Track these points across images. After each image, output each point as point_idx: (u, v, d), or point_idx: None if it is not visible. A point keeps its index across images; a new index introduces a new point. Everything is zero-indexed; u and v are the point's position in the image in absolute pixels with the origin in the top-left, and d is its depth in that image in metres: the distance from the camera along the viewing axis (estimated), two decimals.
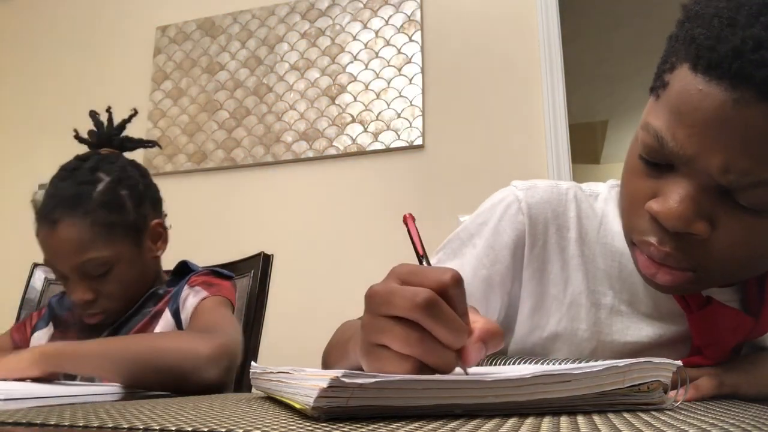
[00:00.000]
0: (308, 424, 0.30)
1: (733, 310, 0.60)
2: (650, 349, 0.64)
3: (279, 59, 2.35)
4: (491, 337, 0.37)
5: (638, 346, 0.64)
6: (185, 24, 2.53)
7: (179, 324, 0.96)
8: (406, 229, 0.46)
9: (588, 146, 4.93)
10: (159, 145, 1.12)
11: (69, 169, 0.96)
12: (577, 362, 0.60)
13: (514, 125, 2.03)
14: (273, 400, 0.49)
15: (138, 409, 0.40)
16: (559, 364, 0.59)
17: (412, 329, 0.35)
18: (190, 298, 0.96)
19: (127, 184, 0.98)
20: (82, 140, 1.05)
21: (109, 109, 1.06)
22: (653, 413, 0.35)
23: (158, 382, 0.78)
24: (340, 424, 0.30)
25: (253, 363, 0.53)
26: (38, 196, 0.96)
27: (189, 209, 2.26)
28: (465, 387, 0.33)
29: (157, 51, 2.54)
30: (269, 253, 1.19)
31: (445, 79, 2.14)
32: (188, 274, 1.03)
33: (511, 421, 0.31)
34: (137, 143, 1.08)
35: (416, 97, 2.13)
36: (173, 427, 0.30)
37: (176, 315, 0.96)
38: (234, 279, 1.07)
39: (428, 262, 0.45)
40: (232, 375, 0.87)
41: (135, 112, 1.05)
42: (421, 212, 2.04)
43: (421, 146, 2.10)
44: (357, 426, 0.29)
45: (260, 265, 1.17)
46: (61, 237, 0.90)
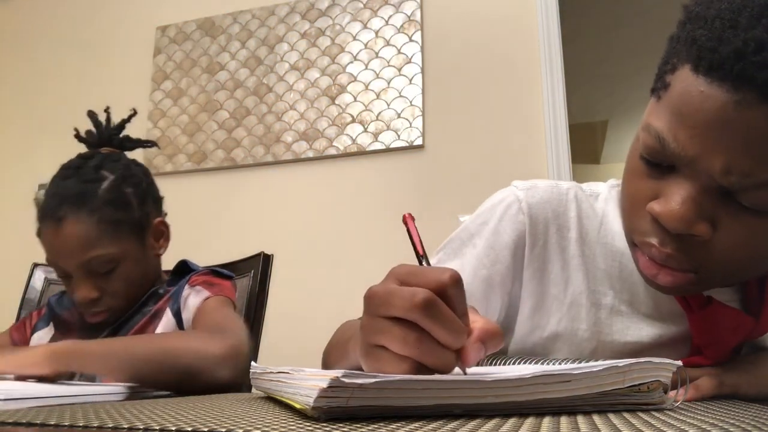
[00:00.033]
0: (308, 424, 0.30)
1: (733, 310, 0.60)
2: (650, 349, 0.64)
3: (279, 59, 2.35)
4: (490, 337, 0.37)
5: (638, 346, 0.64)
6: (185, 24, 2.53)
7: (180, 323, 0.95)
8: (406, 229, 0.46)
9: (588, 146, 4.93)
10: (157, 145, 1.13)
11: (73, 167, 0.96)
12: (577, 362, 0.60)
13: (514, 125, 2.03)
14: (273, 400, 0.49)
15: (138, 409, 0.40)
16: (559, 364, 0.59)
17: (411, 330, 0.35)
18: (192, 297, 0.96)
19: (131, 182, 0.98)
20: (82, 139, 1.05)
21: (107, 109, 1.06)
22: (653, 413, 0.35)
23: (170, 381, 0.78)
24: (340, 424, 0.30)
25: (253, 363, 0.53)
26: (40, 195, 0.96)
27: (189, 209, 2.26)
28: (465, 387, 0.33)
29: (157, 51, 2.54)
30: (269, 253, 1.19)
31: (445, 79, 2.14)
32: (188, 273, 1.03)
33: (511, 421, 0.31)
34: (136, 143, 1.08)
35: (416, 97, 2.13)
36: (173, 427, 0.30)
37: (177, 314, 0.96)
38: (234, 279, 1.07)
39: (428, 262, 0.45)
40: (246, 375, 0.87)
41: (134, 112, 1.05)
42: (421, 212, 2.04)
43: (421, 146, 2.10)
44: (357, 426, 0.29)
45: (260, 265, 1.17)
46: (67, 234, 0.89)
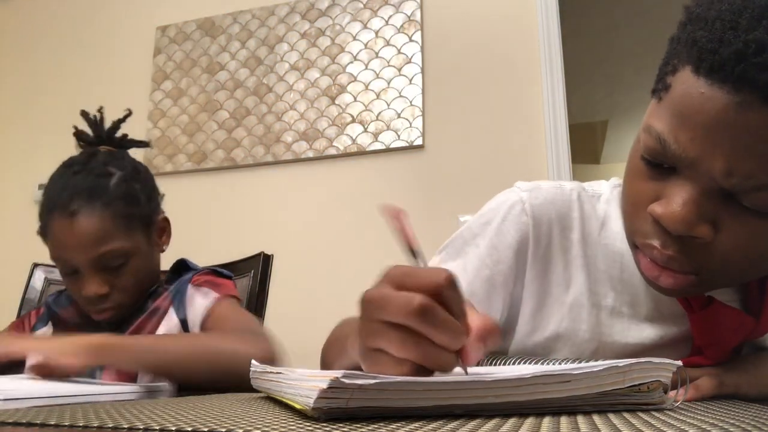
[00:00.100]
0: (308, 424, 0.30)
1: (734, 311, 0.60)
2: (651, 350, 0.64)
3: (279, 59, 2.35)
4: (489, 335, 0.37)
5: (639, 348, 0.64)
6: (185, 24, 2.53)
7: (185, 323, 0.95)
8: (396, 226, 0.44)
9: (588, 146, 4.93)
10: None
11: (79, 162, 0.96)
12: (577, 362, 0.60)
13: (514, 125, 2.03)
14: (273, 400, 0.49)
15: (138, 409, 0.40)
16: (559, 364, 0.59)
17: (409, 334, 0.35)
18: (199, 298, 0.96)
19: (138, 179, 0.99)
20: (81, 138, 1.05)
21: (100, 109, 1.06)
22: (653, 413, 0.35)
23: (207, 380, 0.78)
24: (340, 425, 0.30)
25: (253, 362, 0.53)
26: (40, 196, 0.96)
27: (189, 209, 2.26)
28: (465, 387, 0.33)
29: (157, 51, 2.54)
30: (269, 253, 1.20)
31: (445, 79, 2.14)
32: (186, 272, 1.03)
33: (511, 421, 0.31)
34: (131, 143, 1.08)
35: (416, 97, 2.13)
36: (173, 427, 0.30)
37: (182, 314, 0.96)
38: (233, 279, 1.07)
39: (423, 261, 0.44)
40: None
41: (129, 112, 1.05)
42: (421, 212, 2.04)
43: (421, 146, 2.10)
44: (357, 426, 0.29)
45: (260, 265, 1.17)
46: (81, 228, 0.89)
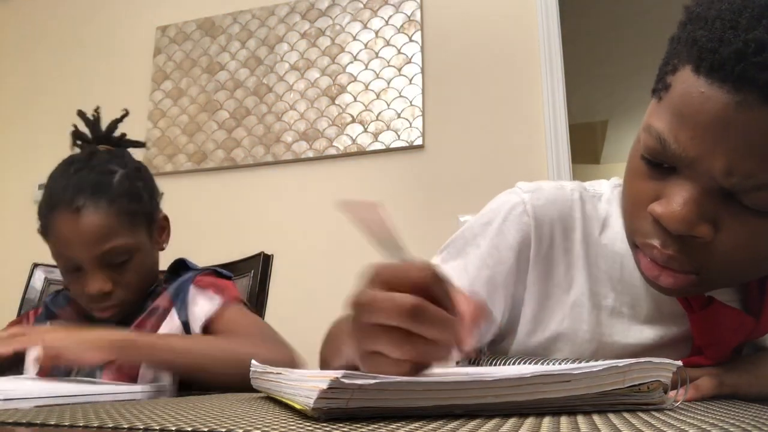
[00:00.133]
0: (308, 424, 0.30)
1: (734, 311, 0.60)
2: (651, 351, 0.64)
3: (279, 59, 2.34)
4: (481, 315, 0.38)
5: (639, 348, 0.64)
6: (185, 24, 2.53)
7: (186, 326, 0.95)
8: (361, 222, 0.41)
9: (588, 146, 4.93)
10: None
11: (81, 160, 0.96)
12: (577, 362, 0.60)
13: (514, 125, 2.03)
14: (273, 400, 0.49)
15: (138, 409, 0.40)
16: (559, 364, 0.59)
17: (404, 334, 0.34)
18: (202, 301, 0.95)
19: (140, 177, 0.99)
20: (79, 136, 1.04)
21: (97, 109, 1.06)
22: (653, 413, 0.35)
23: (227, 383, 0.78)
24: (340, 425, 0.30)
25: (253, 362, 0.53)
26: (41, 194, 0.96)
27: (189, 209, 2.26)
28: (465, 387, 0.33)
29: (157, 51, 2.54)
30: (269, 253, 1.19)
31: (445, 79, 2.14)
32: (185, 271, 1.03)
33: (511, 421, 0.31)
34: (127, 143, 1.08)
35: (416, 97, 2.13)
36: (173, 427, 0.30)
37: (184, 315, 0.95)
38: (233, 279, 1.07)
39: (406, 253, 0.43)
40: None
41: (126, 113, 1.05)
42: (421, 212, 2.04)
43: (421, 146, 2.10)
44: (357, 426, 0.29)
45: (260, 265, 1.17)
46: (87, 224, 0.89)
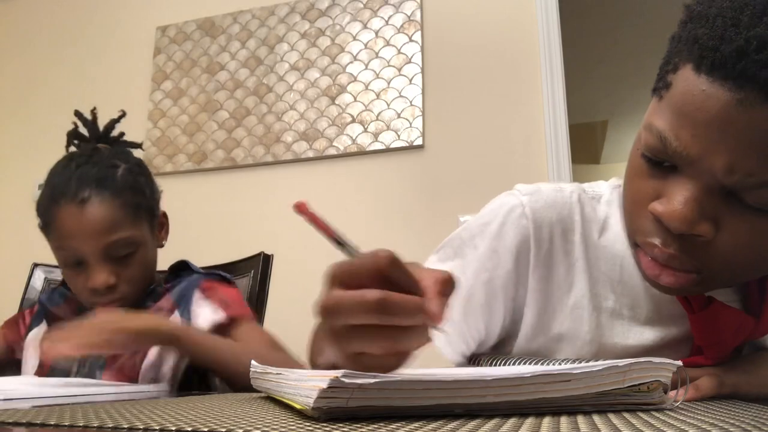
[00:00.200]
0: (308, 424, 0.30)
1: (734, 311, 0.59)
2: (651, 352, 0.64)
3: (279, 59, 2.34)
4: (445, 286, 0.37)
5: (640, 349, 0.64)
6: (185, 24, 2.53)
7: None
8: (310, 220, 0.41)
9: (588, 146, 4.93)
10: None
11: (84, 155, 0.97)
12: (577, 362, 0.60)
13: (514, 125, 2.02)
14: (273, 400, 0.49)
15: (138, 409, 0.40)
16: (559, 364, 0.59)
17: (377, 329, 0.34)
18: (207, 311, 0.95)
19: (141, 172, 1.00)
20: (76, 136, 1.04)
21: (93, 110, 1.06)
22: (653, 413, 0.35)
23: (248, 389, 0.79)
24: (340, 424, 0.30)
25: (253, 362, 0.53)
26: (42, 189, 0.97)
27: (189, 209, 2.26)
28: (465, 386, 0.33)
29: (157, 51, 2.54)
30: (269, 253, 1.19)
31: (445, 79, 2.14)
32: (186, 272, 1.03)
33: (511, 421, 0.31)
34: (124, 144, 1.08)
35: (416, 97, 2.13)
36: (173, 427, 0.30)
37: (186, 320, 0.95)
38: (234, 282, 1.07)
39: (352, 247, 0.42)
40: None
41: (123, 113, 1.06)
42: (421, 212, 2.04)
43: (421, 146, 2.10)
44: (357, 426, 0.29)
45: (260, 265, 1.17)
46: (92, 215, 0.89)
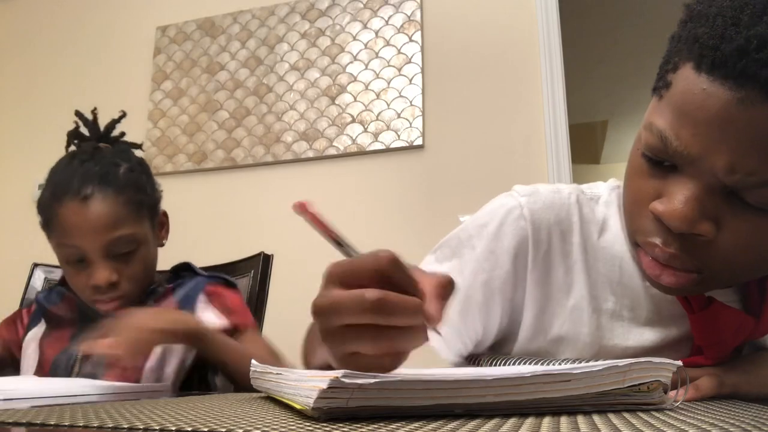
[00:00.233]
0: (308, 424, 0.30)
1: (734, 311, 0.59)
2: (652, 353, 0.63)
3: (279, 59, 2.34)
4: (445, 289, 0.37)
5: (640, 351, 0.64)
6: (185, 24, 2.53)
7: None
8: (311, 220, 0.41)
9: (588, 146, 4.93)
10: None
11: (86, 153, 0.97)
12: (577, 362, 0.60)
13: (514, 125, 2.02)
14: (273, 400, 0.49)
15: (138, 409, 0.40)
16: (559, 364, 0.59)
17: (374, 329, 0.34)
18: (210, 315, 0.96)
19: (143, 171, 1.00)
20: (76, 136, 1.04)
21: (94, 110, 1.06)
22: (653, 413, 0.35)
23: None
24: (340, 424, 0.30)
25: (253, 362, 0.53)
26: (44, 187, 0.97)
27: (189, 209, 2.26)
28: (465, 386, 0.33)
29: (157, 51, 2.54)
30: (269, 253, 1.19)
31: (445, 79, 2.14)
32: (188, 274, 1.03)
33: (511, 421, 0.31)
34: (124, 144, 1.08)
35: (416, 97, 2.13)
36: (173, 427, 0.30)
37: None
38: (237, 287, 1.07)
39: (351, 248, 0.42)
40: None
41: (124, 114, 1.06)
42: (421, 212, 2.04)
43: (421, 146, 2.10)
44: (357, 426, 0.29)
45: (260, 265, 1.17)
46: (95, 212, 0.89)
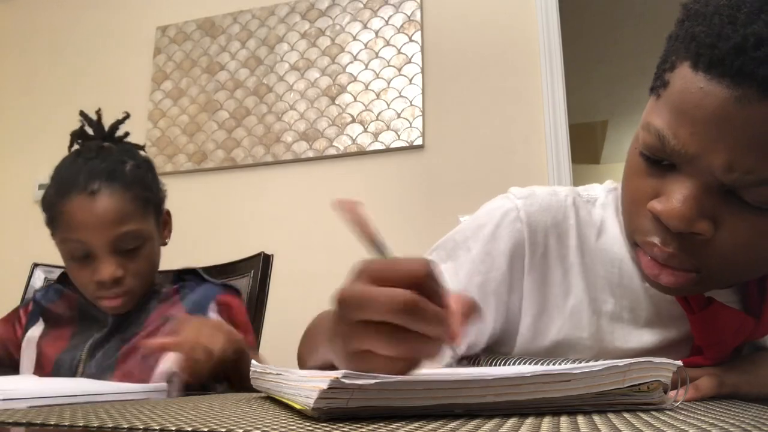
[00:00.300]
0: (308, 424, 0.30)
1: (734, 311, 0.59)
2: (652, 354, 0.63)
3: (279, 59, 2.34)
4: (471, 311, 0.37)
5: (640, 352, 0.64)
6: (185, 24, 2.53)
7: None
8: (354, 220, 0.40)
9: (588, 146, 4.93)
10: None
11: (92, 150, 0.97)
12: (577, 362, 0.60)
13: (514, 125, 2.02)
14: (273, 400, 0.49)
15: (138, 409, 0.40)
16: (559, 364, 0.59)
17: (396, 330, 0.33)
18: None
19: (149, 168, 1.01)
20: (80, 136, 1.04)
21: (98, 111, 1.06)
22: (653, 413, 0.35)
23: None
24: (340, 425, 0.30)
25: (253, 362, 0.53)
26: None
27: (189, 209, 2.25)
28: (465, 386, 0.33)
29: (157, 51, 2.54)
30: (269, 253, 1.19)
31: (445, 79, 2.14)
32: (193, 277, 1.04)
33: (511, 421, 0.31)
34: (127, 145, 1.08)
35: (416, 97, 2.13)
36: (173, 427, 0.30)
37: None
38: (239, 292, 1.07)
39: (390, 253, 0.41)
40: None
41: (127, 115, 1.06)
42: (421, 212, 2.04)
43: (421, 146, 2.10)
44: (357, 426, 0.29)
45: (260, 265, 1.17)
46: (102, 207, 0.90)
